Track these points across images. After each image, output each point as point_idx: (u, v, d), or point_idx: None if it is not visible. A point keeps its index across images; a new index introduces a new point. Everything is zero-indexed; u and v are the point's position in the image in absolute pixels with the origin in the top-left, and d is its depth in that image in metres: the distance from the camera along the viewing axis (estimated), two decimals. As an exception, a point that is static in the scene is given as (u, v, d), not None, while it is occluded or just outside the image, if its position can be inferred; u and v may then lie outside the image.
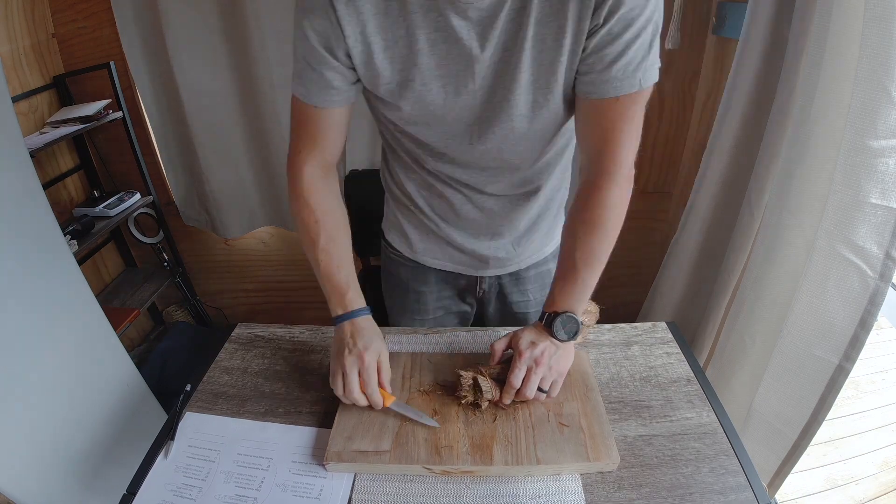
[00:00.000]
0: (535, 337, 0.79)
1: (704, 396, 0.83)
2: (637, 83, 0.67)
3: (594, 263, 0.78)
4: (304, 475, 0.73)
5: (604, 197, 0.75)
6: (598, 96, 0.69)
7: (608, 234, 0.77)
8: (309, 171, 0.82)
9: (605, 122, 0.71)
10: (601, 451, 0.72)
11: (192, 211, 2.01)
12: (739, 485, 0.69)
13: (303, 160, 0.81)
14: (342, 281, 0.82)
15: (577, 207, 0.78)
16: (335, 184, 0.86)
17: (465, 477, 0.71)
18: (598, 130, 0.72)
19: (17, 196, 1.16)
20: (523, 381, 0.76)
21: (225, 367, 0.92)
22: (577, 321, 0.77)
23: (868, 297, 0.98)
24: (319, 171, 0.83)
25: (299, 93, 0.77)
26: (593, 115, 0.72)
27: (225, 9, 1.54)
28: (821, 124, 1.02)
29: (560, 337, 0.77)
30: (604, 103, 0.69)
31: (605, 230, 0.76)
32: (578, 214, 0.77)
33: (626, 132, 0.71)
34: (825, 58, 0.98)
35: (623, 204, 0.76)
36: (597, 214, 0.75)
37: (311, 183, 0.82)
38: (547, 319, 0.78)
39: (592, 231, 0.76)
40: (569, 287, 0.79)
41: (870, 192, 0.94)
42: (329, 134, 0.80)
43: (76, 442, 1.21)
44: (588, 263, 0.77)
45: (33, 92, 1.66)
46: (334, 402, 0.81)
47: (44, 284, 1.20)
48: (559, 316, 0.77)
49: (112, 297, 1.95)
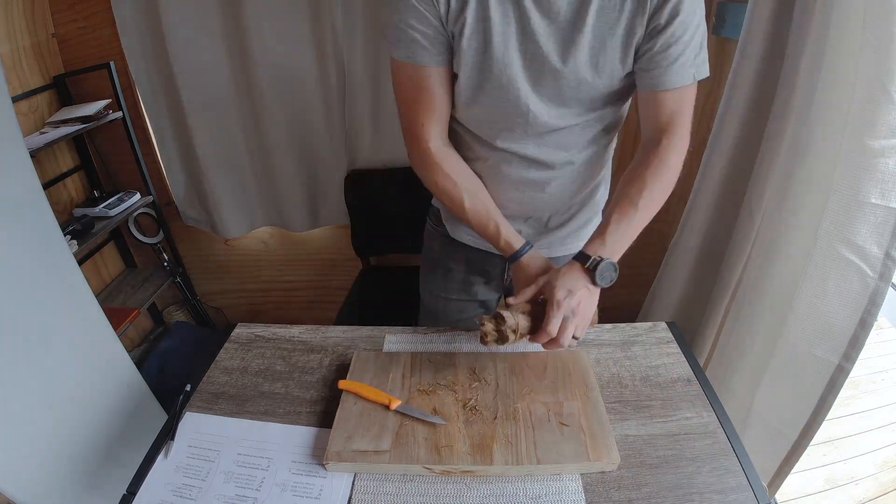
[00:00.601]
0: (573, 283, 0.79)
1: (704, 396, 0.83)
2: (691, 77, 0.79)
3: (651, 208, 0.84)
4: (304, 475, 0.73)
5: (671, 159, 0.83)
6: (662, 88, 0.80)
7: (666, 191, 0.85)
8: (435, 141, 0.86)
9: (668, 108, 0.82)
10: (601, 450, 0.72)
11: (192, 211, 2.00)
12: (739, 485, 0.69)
13: (427, 132, 0.85)
14: (493, 231, 0.89)
15: (643, 165, 0.84)
16: (454, 149, 0.91)
17: (466, 477, 0.71)
18: (663, 113, 0.83)
19: (17, 196, 1.15)
20: (560, 330, 0.76)
21: (225, 367, 0.92)
22: (616, 269, 0.80)
23: (868, 297, 0.98)
24: (442, 139, 0.88)
25: (403, 55, 0.80)
26: (660, 103, 0.82)
27: (225, 9, 1.54)
28: (821, 124, 1.01)
29: (601, 284, 0.80)
30: (667, 94, 0.80)
31: (667, 185, 0.84)
32: (645, 170, 0.83)
33: (685, 115, 0.84)
34: (825, 58, 0.98)
35: (678, 169, 0.85)
36: (663, 171, 0.83)
37: (440, 151, 0.87)
38: (592, 263, 0.79)
39: (658, 182, 0.83)
40: (623, 227, 0.82)
41: (870, 192, 0.94)
42: (441, 97, 0.84)
43: (76, 442, 1.20)
44: (647, 208, 0.83)
45: (33, 92, 1.66)
46: (334, 401, 0.81)
47: (44, 284, 1.20)
48: (603, 262, 0.79)
49: (112, 297, 1.95)
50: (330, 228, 1.98)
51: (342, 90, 1.64)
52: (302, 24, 1.53)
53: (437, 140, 0.86)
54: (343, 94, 1.64)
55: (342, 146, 1.75)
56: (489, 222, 0.89)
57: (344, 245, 2.00)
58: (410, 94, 0.84)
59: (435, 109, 0.84)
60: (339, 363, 0.92)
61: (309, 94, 1.65)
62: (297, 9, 1.51)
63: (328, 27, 1.53)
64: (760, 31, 1.19)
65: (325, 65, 1.59)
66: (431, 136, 0.85)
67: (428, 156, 0.86)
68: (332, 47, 1.56)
